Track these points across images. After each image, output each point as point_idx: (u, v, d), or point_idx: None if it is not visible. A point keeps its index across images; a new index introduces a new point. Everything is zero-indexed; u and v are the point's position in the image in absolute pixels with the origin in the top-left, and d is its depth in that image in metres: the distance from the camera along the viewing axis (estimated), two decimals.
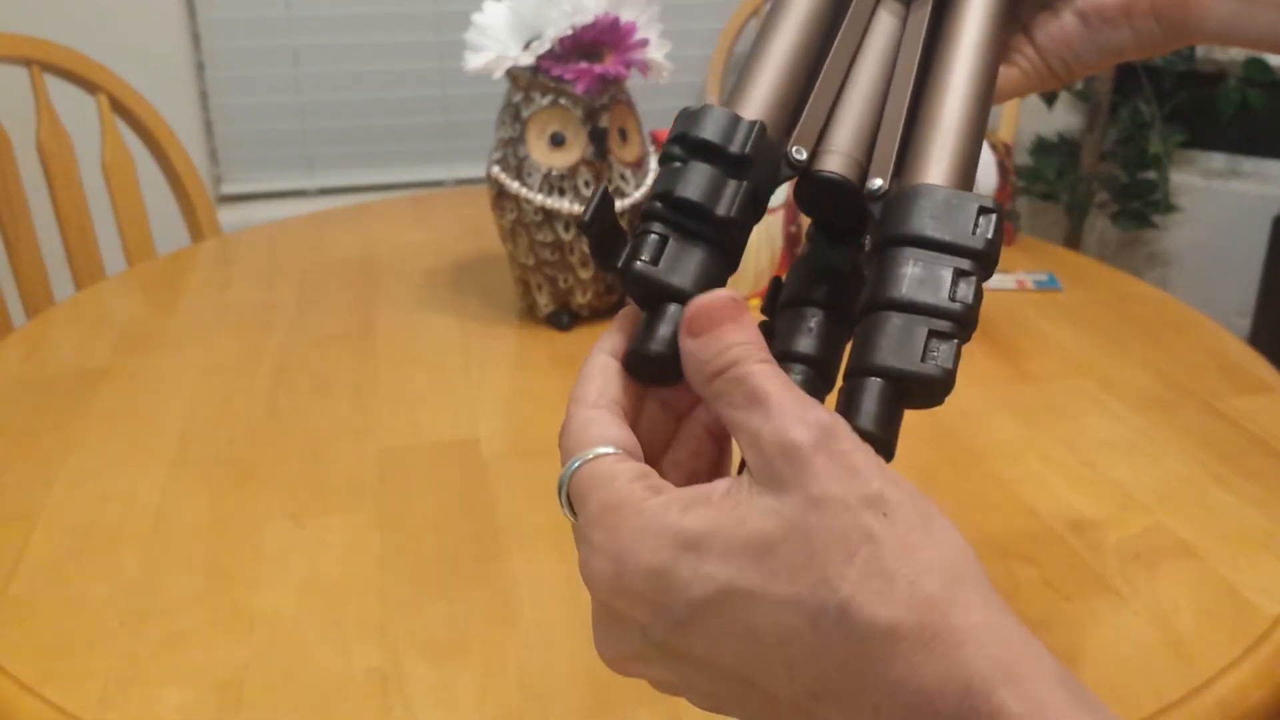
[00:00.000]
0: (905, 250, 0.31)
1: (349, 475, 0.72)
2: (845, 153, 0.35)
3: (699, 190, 0.32)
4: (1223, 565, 0.62)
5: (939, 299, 0.30)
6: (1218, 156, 2.14)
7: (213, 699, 0.53)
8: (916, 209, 0.32)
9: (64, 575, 0.62)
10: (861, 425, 0.30)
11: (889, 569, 0.26)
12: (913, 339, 0.30)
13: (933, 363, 0.30)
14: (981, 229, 0.31)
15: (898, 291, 0.31)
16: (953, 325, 0.30)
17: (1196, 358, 0.87)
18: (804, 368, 0.34)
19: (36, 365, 0.88)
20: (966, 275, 0.31)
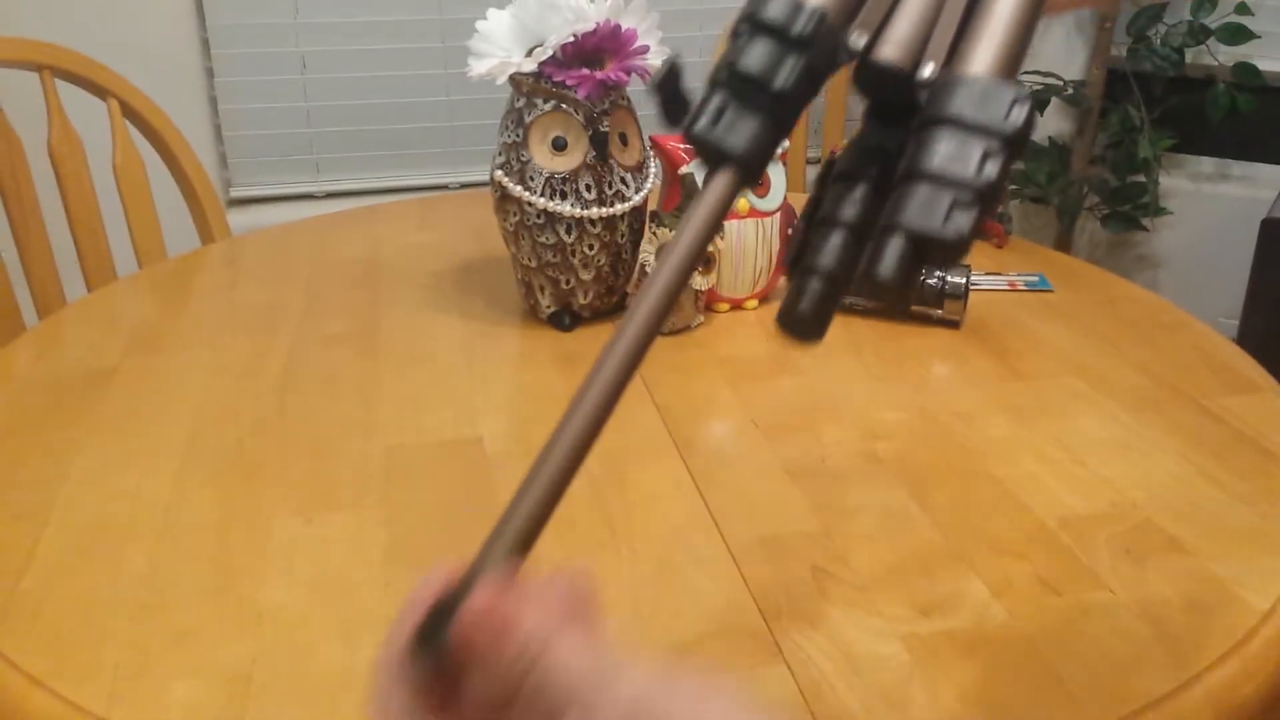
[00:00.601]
0: (941, 128, 0.34)
1: (355, 473, 0.73)
2: (902, 42, 0.37)
3: (759, 63, 0.35)
4: (1212, 561, 0.63)
5: (966, 173, 0.33)
6: (1207, 160, 2.14)
7: (221, 693, 0.54)
8: (957, 93, 0.35)
9: (74, 571, 0.63)
10: (880, 274, 0.33)
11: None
12: (936, 205, 0.33)
13: (952, 227, 0.33)
14: (1014, 116, 0.34)
15: (929, 163, 0.33)
16: (975, 196, 0.33)
17: (1186, 358, 0.88)
18: (844, 231, 0.37)
19: (48, 365, 0.89)
20: (994, 155, 0.33)
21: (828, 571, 0.62)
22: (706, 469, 0.73)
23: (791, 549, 0.64)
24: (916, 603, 0.60)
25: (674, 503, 0.69)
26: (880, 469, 0.73)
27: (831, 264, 0.37)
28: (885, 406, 0.81)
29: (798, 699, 0.53)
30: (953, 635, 0.57)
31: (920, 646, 0.56)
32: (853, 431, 0.77)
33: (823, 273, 0.37)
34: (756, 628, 0.58)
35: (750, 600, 0.60)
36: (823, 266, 0.37)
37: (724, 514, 0.68)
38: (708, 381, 0.85)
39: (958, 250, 0.33)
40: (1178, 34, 1.98)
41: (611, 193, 0.88)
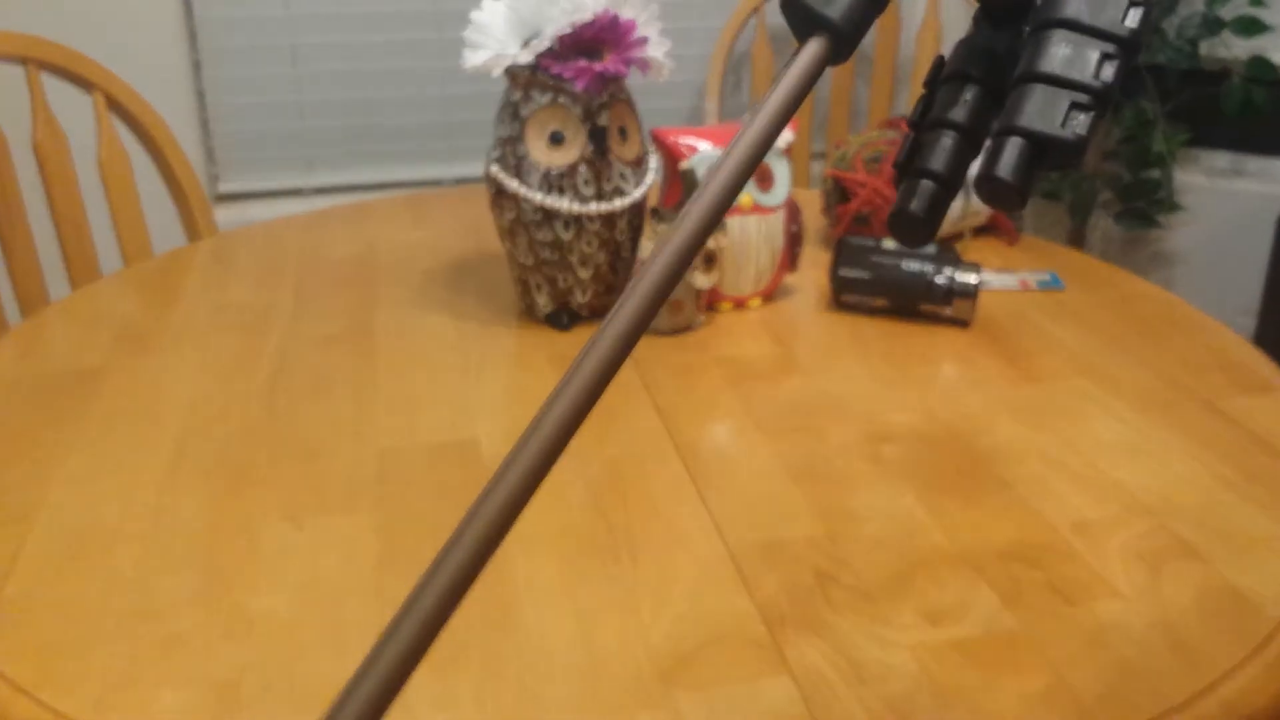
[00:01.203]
0: (1058, 31, 0.35)
1: (347, 476, 0.71)
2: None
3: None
4: (1227, 567, 0.62)
5: (1084, 76, 0.34)
6: (1222, 155, 2.14)
7: (210, 701, 0.53)
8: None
9: (60, 576, 0.62)
10: (1000, 174, 0.34)
11: None
12: (1055, 107, 0.34)
13: (1070, 129, 0.34)
14: (1130, 18, 0.35)
15: (1048, 66, 0.34)
16: (1092, 99, 0.34)
17: (1199, 358, 0.87)
18: (954, 133, 0.38)
19: (32, 365, 0.88)
20: (1111, 58, 0.34)
21: (832, 578, 0.61)
22: (708, 472, 0.72)
23: (795, 554, 0.63)
24: (924, 610, 0.58)
25: (675, 507, 0.68)
26: (886, 472, 0.71)
27: (942, 166, 0.38)
28: (892, 408, 0.80)
29: (802, 709, 0.52)
30: (961, 644, 0.56)
31: (928, 655, 0.55)
32: (858, 434, 0.76)
33: (935, 174, 0.37)
34: (759, 635, 0.57)
35: (753, 607, 0.59)
36: (934, 168, 0.38)
37: (726, 518, 0.67)
38: (709, 382, 0.84)
39: (1077, 151, 0.34)
40: (1191, 26, 1.97)
41: (610, 188, 0.87)
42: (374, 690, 0.26)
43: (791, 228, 0.96)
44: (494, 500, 0.28)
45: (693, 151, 0.92)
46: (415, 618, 0.27)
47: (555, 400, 0.28)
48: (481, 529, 0.28)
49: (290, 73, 1.91)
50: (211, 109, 1.90)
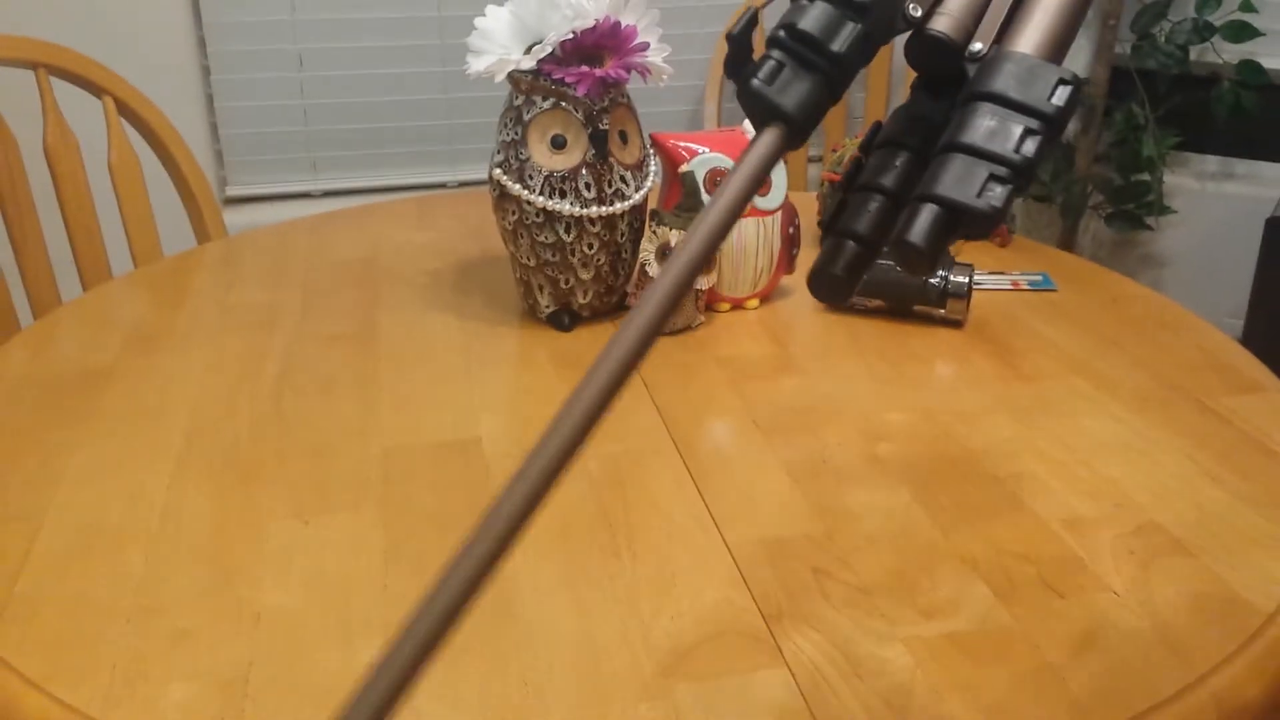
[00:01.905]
0: (984, 104, 0.35)
1: (353, 473, 0.72)
2: (956, 16, 0.38)
3: (818, 25, 0.36)
4: (1217, 562, 0.62)
5: (1004, 149, 0.34)
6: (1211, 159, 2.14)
7: (217, 695, 0.53)
8: (1002, 71, 0.36)
9: (70, 573, 0.62)
10: (911, 239, 0.34)
11: None
12: (973, 177, 0.34)
13: (986, 199, 0.34)
14: (1057, 97, 0.35)
15: (970, 137, 0.34)
16: (1011, 173, 0.34)
17: (1190, 357, 0.88)
18: (882, 197, 0.38)
19: (43, 365, 0.89)
20: (1034, 134, 0.34)
21: (829, 573, 0.62)
22: (707, 470, 0.72)
23: (792, 550, 0.64)
24: (919, 605, 0.59)
25: (674, 504, 0.69)
26: (882, 470, 0.72)
27: (866, 228, 0.38)
28: (887, 407, 0.80)
29: (799, 703, 0.53)
30: (955, 638, 0.57)
31: (923, 649, 0.56)
32: (855, 432, 0.77)
33: (857, 236, 0.38)
34: (757, 630, 0.57)
35: (751, 602, 0.60)
36: (857, 230, 0.38)
37: (724, 515, 0.67)
38: (708, 382, 0.85)
39: (990, 222, 0.34)
40: (1182, 31, 1.98)
41: (611, 191, 0.88)
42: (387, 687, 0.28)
43: (789, 230, 0.97)
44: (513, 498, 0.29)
45: (692, 155, 0.93)
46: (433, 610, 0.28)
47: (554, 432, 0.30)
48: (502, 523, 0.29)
49: (297, 78, 1.92)
50: (220, 114, 1.91)
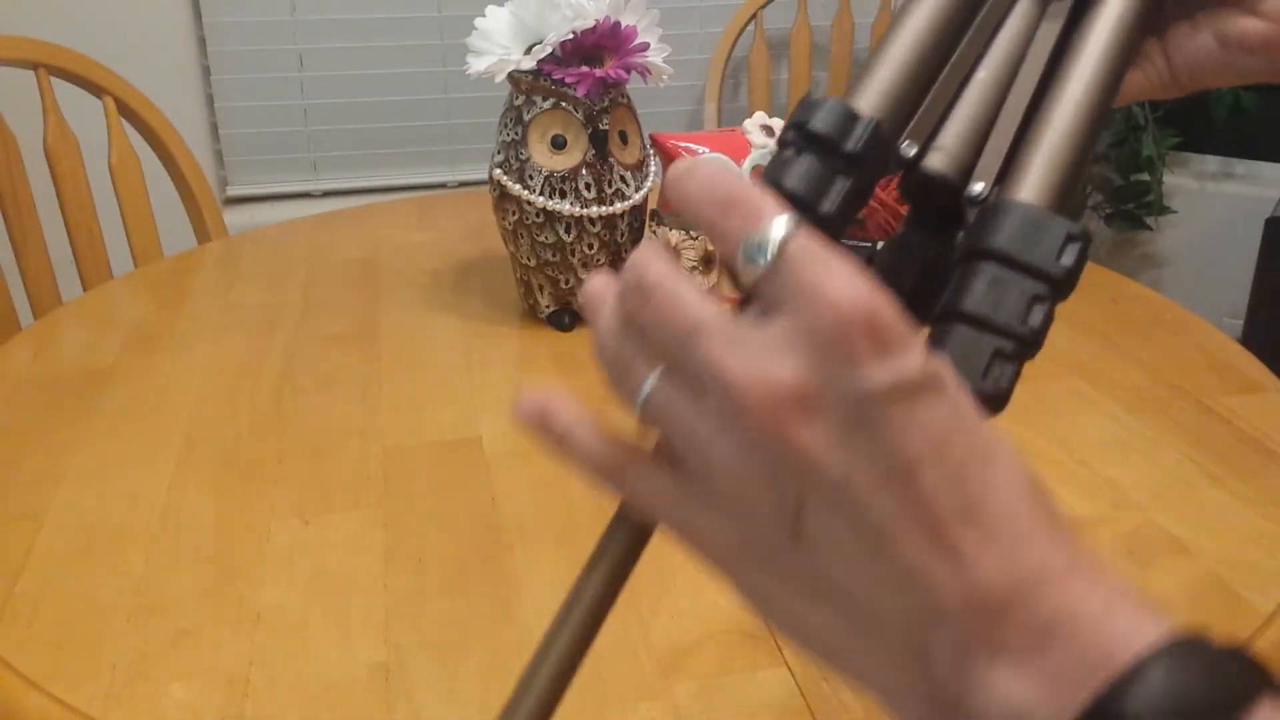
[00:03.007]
0: (987, 265, 0.32)
1: (353, 473, 0.72)
2: (953, 152, 0.35)
3: (805, 185, 0.32)
4: (1215, 562, 0.62)
5: (1010, 320, 0.31)
6: (1211, 159, 2.14)
7: (218, 694, 0.53)
8: (1005, 224, 0.32)
9: (71, 572, 0.62)
10: None
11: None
12: (977, 356, 0.31)
13: (992, 381, 0.31)
14: (1065, 256, 0.32)
15: (971, 304, 0.31)
16: (1017, 347, 0.31)
17: (1188, 357, 0.88)
18: None
19: (44, 365, 0.89)
20: (1041, 301, 0.31)
21: None
22: None
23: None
24: None
25: None
26: None
27: None
28: None
29: (798, 701, 0.53)
30: None
31: None
32: None
33: None
34: (757, 628, 0.58)
35: None
36: None
37: None
38: None
39: (998, 405, 0.31)
40: None
41: (611, 191, 0.88)
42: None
43: None
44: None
45: (692, 155, 0.93)
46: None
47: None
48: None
49: (297, 78, 1.92)
50: (220, 114, 1.91)
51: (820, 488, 0.26)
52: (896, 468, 0.25)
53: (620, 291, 0.29)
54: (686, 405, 0.28)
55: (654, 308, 0.28)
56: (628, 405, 0.30)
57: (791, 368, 0.25)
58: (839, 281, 0.25)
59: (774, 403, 0.25)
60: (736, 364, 0.26)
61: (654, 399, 0.29)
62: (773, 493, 0.26)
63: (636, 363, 0.29)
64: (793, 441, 0.25)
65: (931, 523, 0.25)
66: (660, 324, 0.28)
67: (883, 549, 0.25)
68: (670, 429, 0.29)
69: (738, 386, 0.26)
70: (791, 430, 0.25)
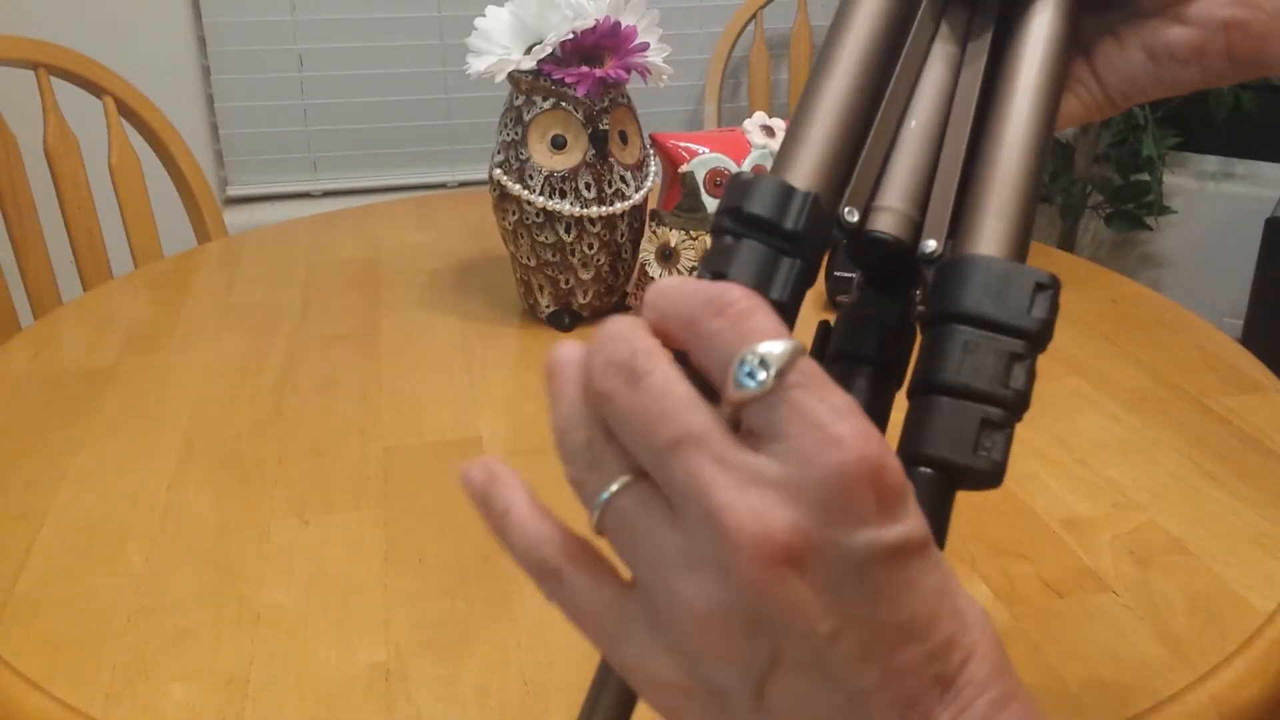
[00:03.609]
0: (958, 329, 0.30)
1: (353, 473, 0.72)
2: (898, 210, 0.33)
3: (751, 275, 0.30)
4: (1216, 562, 0.62)
5: (992, 385, 0.29)
6: (1211, 159, 2.14)
7: (219, 694, 0.53)
8: (970, 283, 0.30)
9: (71, 572, 0.62)
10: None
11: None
12: (964, 429, 0.29)
13: (984, 455, 0.29)
14: (1037, 308, 0.30)
15: (950, 375, 0.29)
16: (1004, 414, 0.29)
17: (1189, 357, 0.88)
18: None
19: (44, 365, 0.89)
20: (1020, 359, 0.30)
21: None
22: None
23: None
24: None
25: None
26: None
27: None
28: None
29: None
30: None
31: None
32: None
33: None
34: None
35: None
36: None
37: None
38: None
39: (995, 479, 0.29)
40: None
41: (611, 191, 0.88)
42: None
43: None
44: None
45: (692, 155, 0.93)
46: None
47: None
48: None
49: (297, 78, 1.92)
50: (220, 114, 1.92)
51: (801, 649, 0.23)
52: (885, 636, 0.23)
53: (597, 367, 0.26)
54: (657, 523, 0.25)
55: (638, 399, 0.25)
56: (586, 506, 0.26)
57: (790, 516, 0.23)
58: (845, 429, 0.23)
59: (769, 552, 0.23)
60: (731, 498, 0.23)
61: (618, 506, 0.26)
62: (746, 644, 0.24)
63: (605, 459, 0.26)
64: (782, 598, 0.23)
65: (910, 699, 0.23)
66: (642, 421, 0.25)
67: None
68: (632, 546, 0.25)
69: (730, 527, 0.23)
70: (783, 585, 0.23)
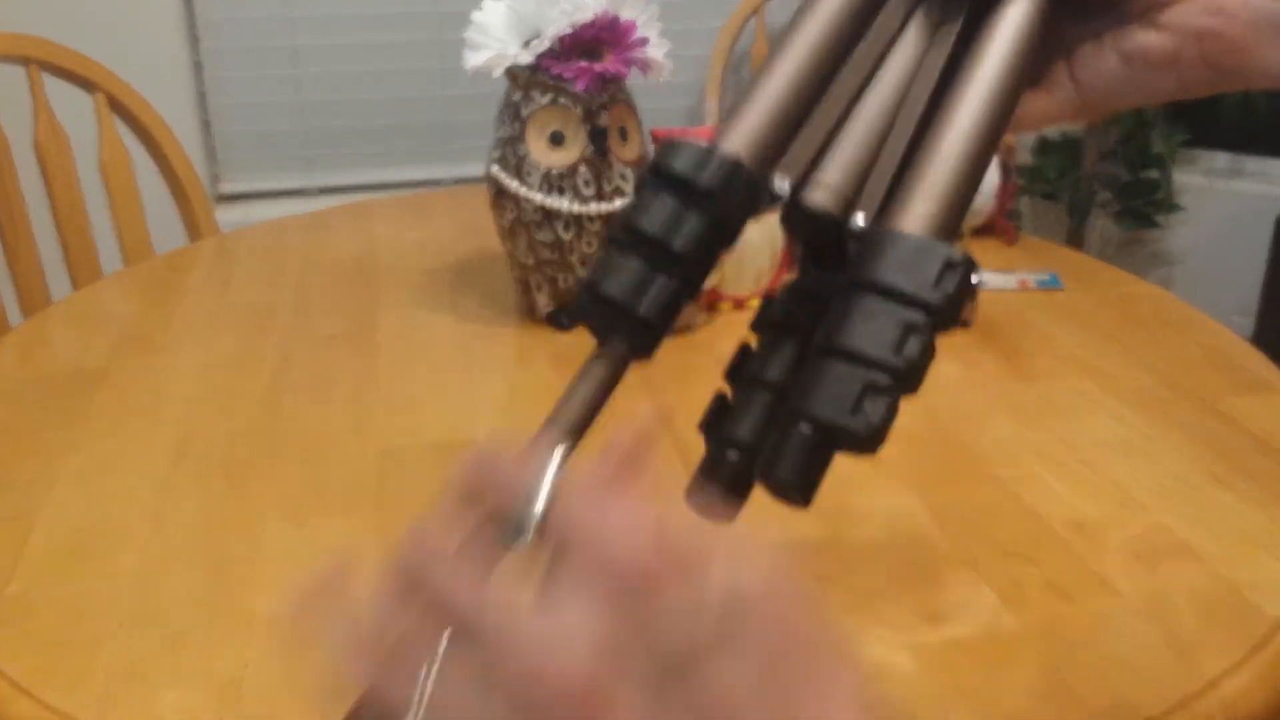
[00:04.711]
0: (862, 296, 0.31)
1: (348, 476, 0.71)
2: (833, 185, 0.34)
3: (658, 222, 0.32)
4: (1223, 566, 0.62)
5: (883, 352, 0.30)
6: (1220, 155, 2.14)
7: (212, 700, 0.53)
8: (883, 255, 0.31)
9: (63, 575, 0.62)
10: (781, 474, 0.30)
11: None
12: (847, 390, 0.30)
13: (862, 417, 0.30)
14: (945, 283, 0.31)
15: (844, 339, 0.30)
16: (891, 381, 0.30)
17: (1196, 357, 0.87)
18: (767, 394, 0.34)
19: (34, 365, 0.88)
20: (916, 330, 0.30)
21: (832, 578, 0.61)
22: None
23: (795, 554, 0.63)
24: (923, 610, 0.59)
25: (674, 507, 0.68)
26: (885, 472, 0.72)
27: (749, 434, 0.34)
28: None
29: None
30: (961, 643, 0.56)
31: (928, 655, 0.55)
32: None
33: (739, 444, 0.34)
34: None
35: None
36: (740, 436, 0.34)
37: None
38: (710, 383, 0.84)
39: (871, 443, 0.30)
40: None
41: (610, 188, 0.87)
42: None
43: None
44: None
45: None
46: None
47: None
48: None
49: (291, 73, 1.91)
50: (213, 110, 1.90)
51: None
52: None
53: (397, 570, 0.27)
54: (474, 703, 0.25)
55: (432, 589, 0.26)
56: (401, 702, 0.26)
57: (587, 639, 0.23)
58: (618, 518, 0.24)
59: (575, 692, 0.23)
60: (527, 651, 0.23)
61: (437, 695, 0.26)
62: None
63: (411, 649, 0.26)
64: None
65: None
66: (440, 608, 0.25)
67: None
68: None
69: (531, 679, 0.23)
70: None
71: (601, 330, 0.33)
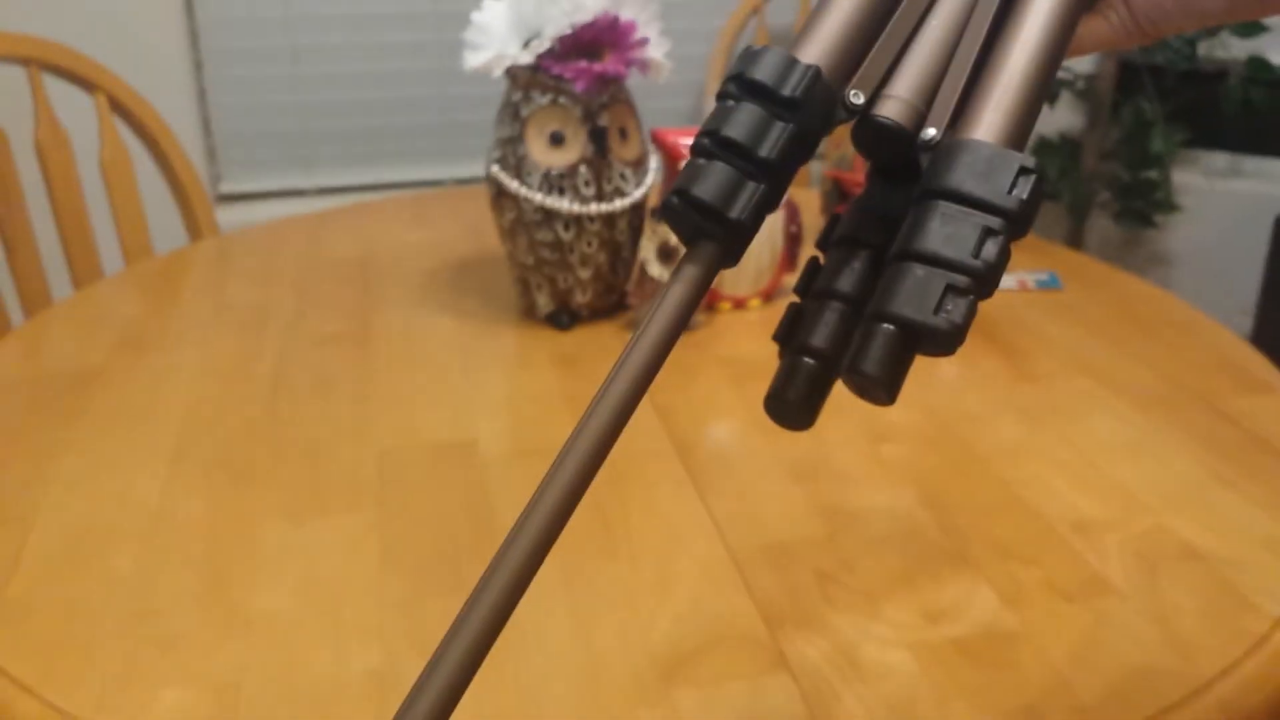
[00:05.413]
0: (939, 203, 0.32)
1: (347, 475, 0.71)
2: (904, 99, 0.35)
3: (744, 130, 0.33)
4: (1225, 566, 0.62)
5: (963, 255, 0.31)
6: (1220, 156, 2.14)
7: (210, 700, 0.53)
8: (957, 163, 0.33)
9: (61, 576, 0.62)
10: (865, 368, 0.31)
11: None
12: (929, 291, 0.31)
13: (944, 316, 0.31)
14: (1019, 189, 0.32)
15: (924, 244, 0.31)
16: (971, 282, 0.31)
17: (1199, 357, 0.87)
18: (840, 305, 0.35)
19: (34, 365, 0.88)
20: (994, 234, 0.31)
21: (832, 577, 0.61)
22: (708, 472, 0.72)
23: (795, 554, 0.63)
24: (924, 609, 0.58)
25: (674, 506, 0.68)
26: (886, 472, 0.71)
27: (825, 343, 0.34)
28: (891, 408, 0.80)
29: (801, 708, 0.52)
30: (961, 642, 0.56)
31: (928, 654, 0.55)
32: (858, 433, 0.76)
33: (815, 352, 0.34)
34: (760, 635, 0.57)
35: (753, 607, 0.59)
36: (815, 345, 0.34)
37: (726, 518, 0.67)
38: (709, 382, 0.84)
39: (952, 341, 0.31)
40: None
41: (610, 188, 0.87)
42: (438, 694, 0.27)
43: (791, 228, 0.96)
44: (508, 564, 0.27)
45: None
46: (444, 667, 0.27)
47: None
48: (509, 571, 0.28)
49: (291, 73, 1.91)
50: (213, 110, 1.90)
51: None
52: None
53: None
54: None
55: None
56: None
57: None
58: None
59: None
60: None
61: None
62: None
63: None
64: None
65: None
66: None
67: None
68: None
69: None
70: None
71: (692, 235, 0.33)
